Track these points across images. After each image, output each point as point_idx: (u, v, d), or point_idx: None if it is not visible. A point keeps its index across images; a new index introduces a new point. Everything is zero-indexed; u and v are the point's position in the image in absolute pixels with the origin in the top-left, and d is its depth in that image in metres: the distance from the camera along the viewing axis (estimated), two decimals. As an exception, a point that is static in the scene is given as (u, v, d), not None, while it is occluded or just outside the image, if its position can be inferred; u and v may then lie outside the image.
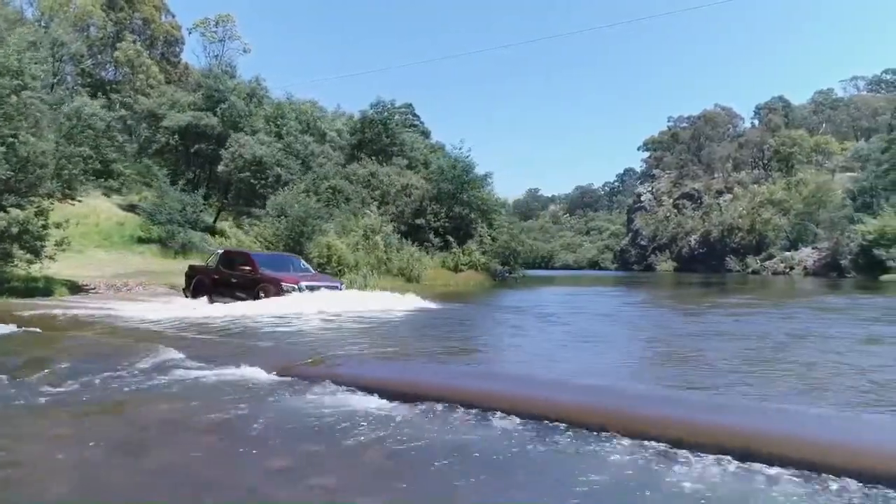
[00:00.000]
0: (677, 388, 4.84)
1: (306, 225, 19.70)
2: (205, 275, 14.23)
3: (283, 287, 12.43)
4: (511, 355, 6.95)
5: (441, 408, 3.87)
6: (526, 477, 2.75)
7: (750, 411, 3.68)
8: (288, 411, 3.91)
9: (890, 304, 15.16)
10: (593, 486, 2.70)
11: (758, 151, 77.56)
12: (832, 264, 41.40)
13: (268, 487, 2.75)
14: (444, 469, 2.92)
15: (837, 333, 8.62)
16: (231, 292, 13.08)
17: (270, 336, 7.63)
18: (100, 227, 29.77)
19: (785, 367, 5.92)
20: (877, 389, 4.57)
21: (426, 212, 28.32)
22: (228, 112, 33.93)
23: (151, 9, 51.72)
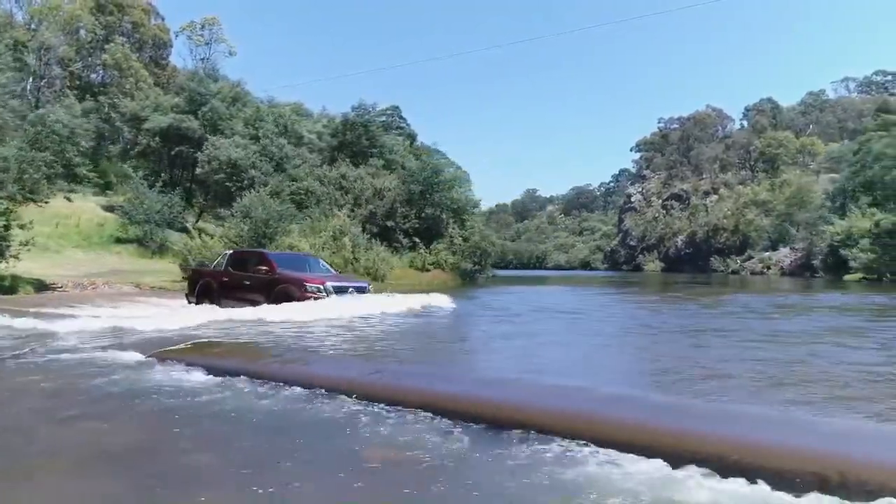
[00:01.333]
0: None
1: (268, 226, 20.40)
2: (211, 278, 12.84)
3: (308, 288, 11.24)
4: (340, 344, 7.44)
5: (246, 382, 4.58)
6: (294, 436, 3.40)
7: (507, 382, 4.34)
8: (120, 382, 4.62)
9: (793, 302, 15.73)
10: (307, 426, 3.46)
11: (745, 153, 78.24)
12: (807, 264, 42.12)
13: (44, 429, 3.48)
14: (208, 424, 3.62)
15: (719, 326, 9.33)
16: (243, 296, 11.77)
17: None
18: (80, 227, 30.52)
19: (635, 353, 6.60)
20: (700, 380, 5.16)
21: (396, 213, 29.01)
22: (209, 115, 34.72)
23: (140, 12, 52.43)
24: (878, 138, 35.32)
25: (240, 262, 12.83)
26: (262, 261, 12.29)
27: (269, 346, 6.64)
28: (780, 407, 3.90)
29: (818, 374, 5.29)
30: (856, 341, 7.51)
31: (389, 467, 2.89)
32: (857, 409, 3.98)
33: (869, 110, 69.00)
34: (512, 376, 4.72)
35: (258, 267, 12.04)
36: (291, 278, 11.67)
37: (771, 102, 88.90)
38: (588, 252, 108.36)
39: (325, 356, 6.07)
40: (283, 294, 11.19)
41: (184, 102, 35.92)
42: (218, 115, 34.61)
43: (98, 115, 42.23)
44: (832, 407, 4.03)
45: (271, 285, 11.49)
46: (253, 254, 13.65)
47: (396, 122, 57.89)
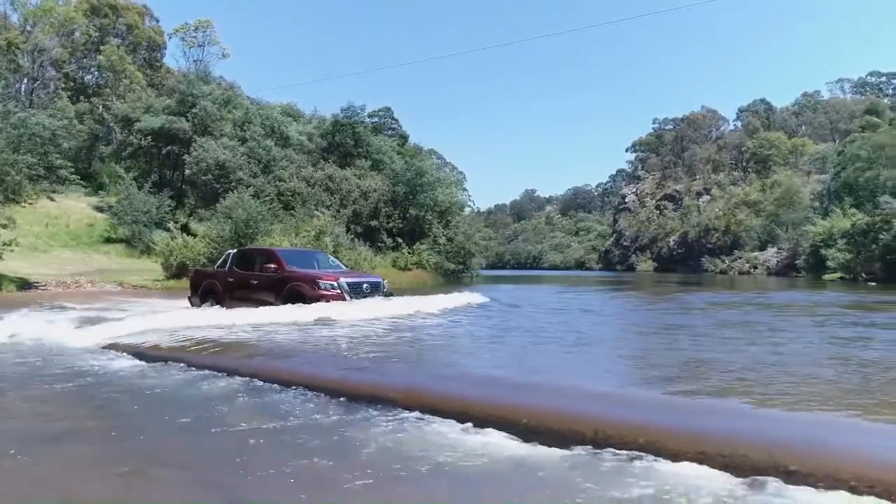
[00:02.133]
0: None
1: (248, 227, 20.89)
2: (215, 278, 12.10)
3: (321, 286, 10.58)
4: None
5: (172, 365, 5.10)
6: (178, 406, 3.92)
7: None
8: (56, 364, 5.12)
9: (731, 300, 16.15)
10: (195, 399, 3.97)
11: (737, 153, 78.71)
12: (792, 264, 42.56)
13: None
14: (111, 396, 4.13)
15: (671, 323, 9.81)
16: (251, 296, 11.13)
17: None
18: (70, 227, 31.08)
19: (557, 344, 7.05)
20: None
21: (380, 214, 29.50)
22: (200, 116, 35.23)
23: (135, 15, 52.92)
24: (861, 140, 35.71)
25: (246, 261, 12.07)
26: (271, 258, 11.48)
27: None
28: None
29: (635, 356, 5.87)
30: (723, 332, 7.91)
31: (251, 428, 3.42)
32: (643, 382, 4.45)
33: (860, 111, 69.51)
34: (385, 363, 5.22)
35: (266, 265, 11.23)
36: (302, 276, 10.92)
37: (764, 103, 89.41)
38: (583, 252, 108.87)
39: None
40: (295, 293, 10.50)
41: (175, 104, 36.44)
42: (208, 117, 35.12)
43: (92, 117, 42.80)
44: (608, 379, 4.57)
45: (281, 284, 10.76)
46: (260, 251, 12.91)
47: (389, 123, 58.43)
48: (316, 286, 10.56)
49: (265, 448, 3.08)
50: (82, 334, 6.99)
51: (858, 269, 28.50)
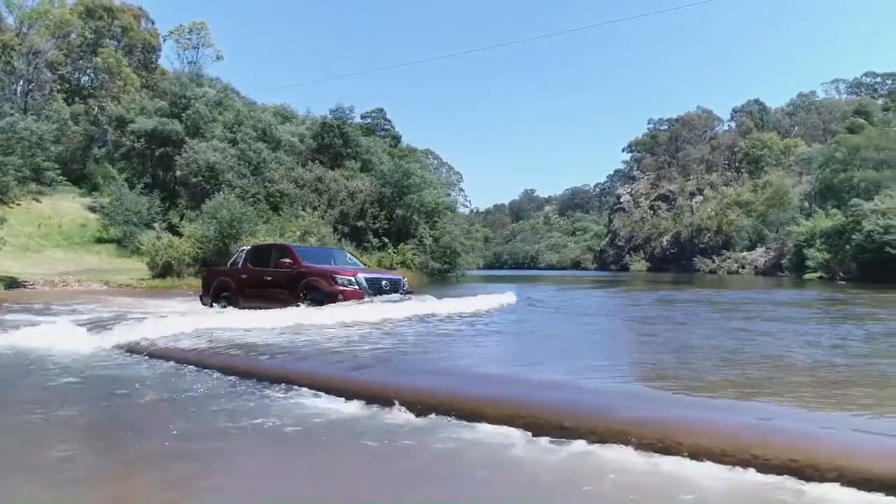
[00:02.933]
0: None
1: (232, 227, 21.43)
2: (229, 276, 11.76)
3: (338, 281, 10.19)
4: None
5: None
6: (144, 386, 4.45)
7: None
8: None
9: (682, 297, 16.69)
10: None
11: (730, 154, 79.20)
12: (778, 264, 43.06)
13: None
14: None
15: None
16: (265, 293, 10.84)
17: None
18: (62, 228, 31.62)
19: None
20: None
21: (367, 214, 30.03)
22: (192, 118, 35.80)
23: (130, 17, 53.45)
24: (838, 141, 36.18)
25: (260, 258, 11.70)
26: (286, 253, 11.14)
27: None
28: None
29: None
30: (634, 327, 8.45)
31: (154, 401, 4.00)
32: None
33: (850, 112, 69.98)
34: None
35: (281, 260, 10.88)
36: (319, 271, 10.58)
37: (758, 104, 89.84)
38: (579, 252, 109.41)
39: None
40: (311, 289, 10.24)
41: (168, 106, 37.01)
42: (200, 119, 35.69)
43: (87, 118, 43.35)
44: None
45: (297, 280, 10.45)
46: (275, 247, 12.52)
47: (382, 124, 58.97)
48: (333, 282, 10.17)
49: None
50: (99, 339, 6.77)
51: (836, 268, 28.98)
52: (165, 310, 10.97)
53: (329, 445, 3.12)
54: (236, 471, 2.85)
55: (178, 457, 2.95)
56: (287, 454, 3.03)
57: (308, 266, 10.73)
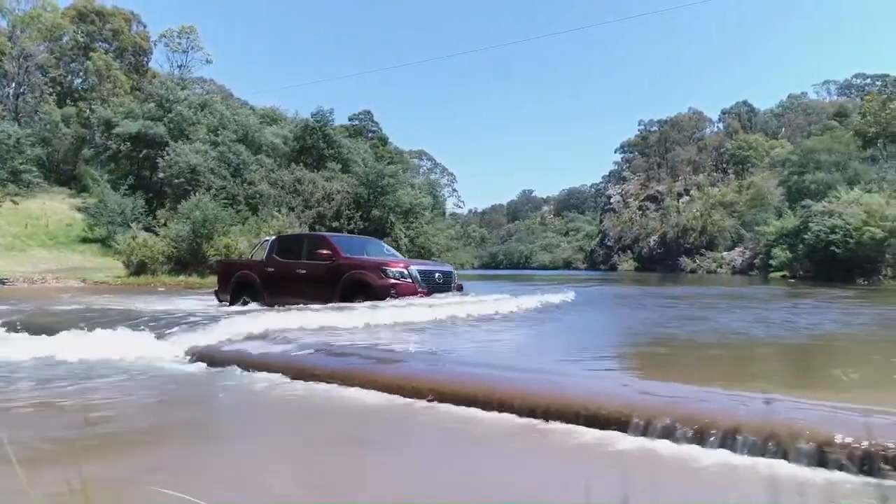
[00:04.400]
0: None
1: (205, 227, 22.37)
2: (251, 269, 10.58)
3: (388, 273, 8.99)
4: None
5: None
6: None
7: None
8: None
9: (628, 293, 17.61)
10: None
11: (717, 155, 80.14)
12: (752, 263, 44.02)
13: None
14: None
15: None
16: (297, 288, 9.62)
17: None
18: (49, 228, 32.61)
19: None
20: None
21: (342, 215, 30.97)
22: (176, 121, 36.75)
23: (122, 21, 54.43)
24: (797, 144, 37.18)
25: (290, 248, 10.53)
26: (323, 244, 9.92)
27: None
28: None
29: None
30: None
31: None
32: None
33: (830, 114, 70.89)
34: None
35: (318, 251, 9.65)
36: (365, 263, 9.44)
37: (746, 105, 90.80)
38: (571, 252, 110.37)
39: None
40: (355, 283, 9.07)
41: (153, 109, 37.96)
42: (184, 121, 36.63)
43: (78, 120, 44.35)
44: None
45: (337, 273, 9.20)
46: (308, 237, 11.52)
47: (369, 126, 59.94)
48: (383, 274, 8.96)
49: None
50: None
51: (796, 266, 29.92)
52: (185, 308, 9.56)
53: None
54: None
55: None
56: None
57: (349, 257, 9.52)
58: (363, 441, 2.90)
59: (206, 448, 2.90)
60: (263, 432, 3.18)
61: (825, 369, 4.78)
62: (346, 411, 3.45)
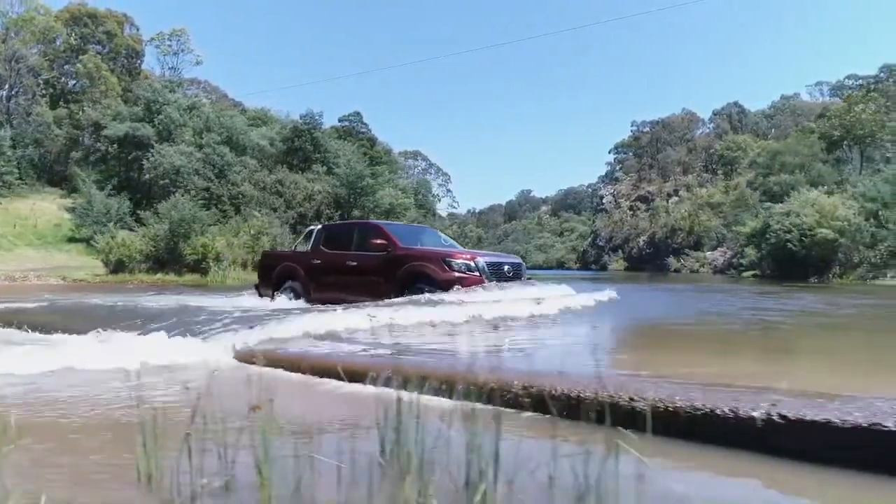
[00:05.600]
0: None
1: (181, 227, 23.18)
2: (295, 261, 9.79)
3: (454, 266, 8.04)
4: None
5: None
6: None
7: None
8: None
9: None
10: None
11: (707, 156, 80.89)
12: (732, 263, 44.76)
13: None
14: None
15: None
16: (348, 281, 8.93)
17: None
18: (37, 227, 33.48)
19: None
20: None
21: (322, 216, 31.77)
22: (164, 123, 37.59)
23: (114, 24, 55.25)
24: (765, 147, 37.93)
25: (338, 238, 9.68)
26: (378, 233, 8.96)
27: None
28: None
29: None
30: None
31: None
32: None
33: (815, 115, 71.60)
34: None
35: (371, 241, 8.71)
36: (426, 254, 8.53)
37: (737, 106, 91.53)
38: (564, 252, 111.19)
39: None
40: (416, 275, 8.17)
41: (141, 111, 38.80)
42: (172, 123, 37.47)
43: (70, 122, 45.23)
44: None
45: (395, 265, 8.33)
46: (359, 226, 10.43)
47: (358, 128, 60.68)
48: (447, 267, 8.05)
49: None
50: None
51: (763, 265, 30.67)
52: (220, 305, 8.66)
53: None
54: None
55: None
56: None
57: (408, 248, 8.66)
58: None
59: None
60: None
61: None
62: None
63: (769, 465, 2.04)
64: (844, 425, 2.02)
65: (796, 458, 2.05)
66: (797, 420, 2.08)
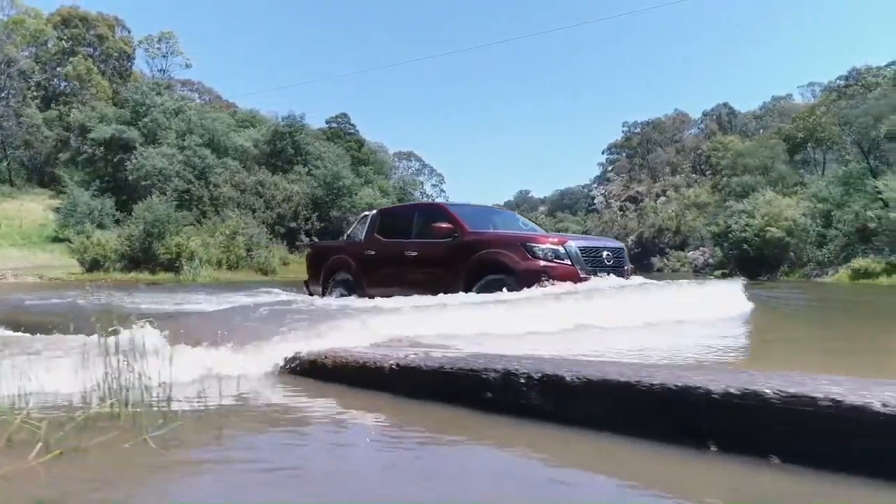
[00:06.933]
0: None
1: (155, 227, 23.94)
2: (347, 254, 8.57)
3: (538, 253, 6.42)
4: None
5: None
6: None
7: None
8: None
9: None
10: None
11: (696, 156, 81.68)
12: (709, 262, 45.53)
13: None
14: None
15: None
16: (411, 276, 7.52)
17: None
18: (22, 228, 34.23)
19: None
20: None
21: (299, 216, 32.53)
22: (149, 126, 38.37)
23: (105, 27, 56.02)
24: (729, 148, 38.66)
25: (395, 225, 8.41)
26: (441, 216, 7.54)
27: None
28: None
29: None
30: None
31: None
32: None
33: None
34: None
35: (436, 226, 7.27)
36: (503, 239, 6.99)
37: (727, 107, 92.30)
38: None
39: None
40: (492, 265, 6.65)
41: (128, 114, 39.59)
42: (158, 126, 38.25)
43: (60, 124, 46.02)
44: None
45: (464, 253, 6.92)
46: (419, 208, 8.91)
47: (346, 129, 61.47)
48: (529, 254, 6.45)
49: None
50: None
51: (731, 264, 31.38)
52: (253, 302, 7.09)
53: None
54: None
55: None
56: None
57: (479, 232, 7.20)
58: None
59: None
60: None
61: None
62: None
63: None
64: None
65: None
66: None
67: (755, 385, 1.74)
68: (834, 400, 1.59)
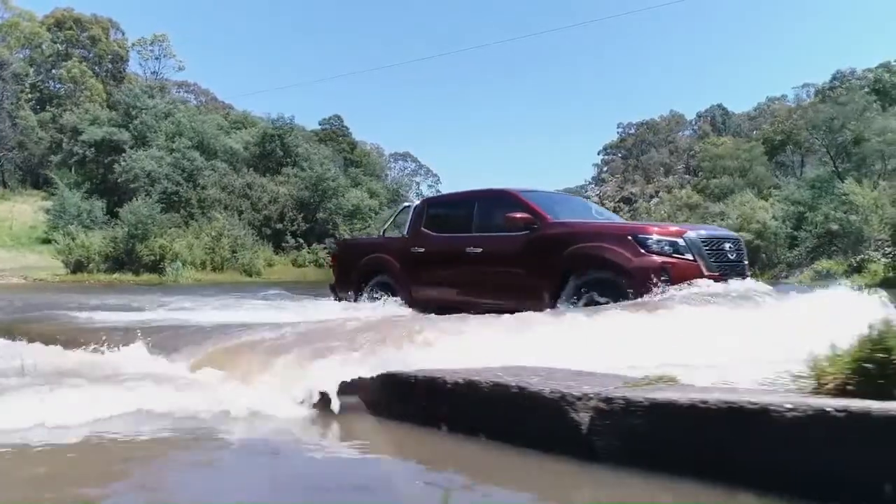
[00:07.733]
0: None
1: (138, 229, 24.37)
2: (386, 251, 7.12)
3: (650, 245, 4.98)
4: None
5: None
6: None
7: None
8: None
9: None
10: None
11: (688, 158, 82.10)
12: (697, 263, 46.05)
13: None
14: None
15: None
16: (473, 279, 6.16)
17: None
18: (13, 229, 34.72)
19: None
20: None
21: (285, 217, 32.97)
22: (140, 128, 38.79)
23: (99, 29, 56.48)
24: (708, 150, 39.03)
25: (447, 217, 6.99)
26: (512, 204, 5.98)
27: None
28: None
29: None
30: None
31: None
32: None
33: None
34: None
35: (509, 216, 5.72)
36: (600, 229, 5.69)
37: (721, 108, 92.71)
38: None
39: None
40: (589, 262, 5.29)
41: (119, 116, 40.02)
42: (148, 129, 38.66)
43: (53, 126, 46.50)
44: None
45: (548, 249, 5.53)
46: (482, 196, 6.73)
47: (340, 131, 61.89)
48: (640, 247, 5.03)
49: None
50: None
51: (709, 267, 31.72)
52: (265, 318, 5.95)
53: None
54: None
55: None
56: None
57: (567, 223, 5.78)
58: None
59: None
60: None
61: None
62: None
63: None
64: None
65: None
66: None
67: None
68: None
